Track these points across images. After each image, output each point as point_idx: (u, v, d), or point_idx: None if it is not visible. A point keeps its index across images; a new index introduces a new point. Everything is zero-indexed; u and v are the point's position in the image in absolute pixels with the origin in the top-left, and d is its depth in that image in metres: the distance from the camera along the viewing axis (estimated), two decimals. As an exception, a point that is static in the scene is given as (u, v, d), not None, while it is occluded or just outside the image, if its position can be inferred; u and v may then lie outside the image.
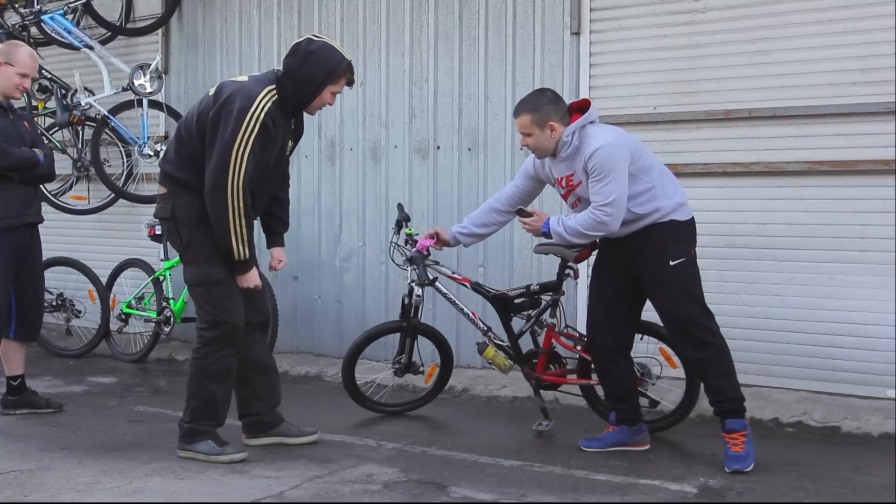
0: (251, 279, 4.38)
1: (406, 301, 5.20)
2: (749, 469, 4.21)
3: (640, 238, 4.38)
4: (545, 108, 4.37)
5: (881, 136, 5.09)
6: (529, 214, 4.57)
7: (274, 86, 4.25)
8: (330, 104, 4.46)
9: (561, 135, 4.36)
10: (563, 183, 4.48)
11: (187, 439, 4.42)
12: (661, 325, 4.56)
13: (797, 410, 5.15)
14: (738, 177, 5.47)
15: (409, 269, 5.04)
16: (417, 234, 5.14)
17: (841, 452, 4.62)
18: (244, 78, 4.37)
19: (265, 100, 4.19)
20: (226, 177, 4.14)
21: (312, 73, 4.25)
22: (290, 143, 4.53)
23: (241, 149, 4.13)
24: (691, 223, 4.45)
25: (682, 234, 4.38)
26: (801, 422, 5.07)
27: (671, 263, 4.32)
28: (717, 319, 4.40)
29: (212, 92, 4.34)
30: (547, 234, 4.48)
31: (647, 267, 4.39)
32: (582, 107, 4.43)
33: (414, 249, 5.04)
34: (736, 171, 5.46)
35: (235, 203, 4.16)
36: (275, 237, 4.80)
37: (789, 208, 5.36)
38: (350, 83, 4.41)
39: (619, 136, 4.37)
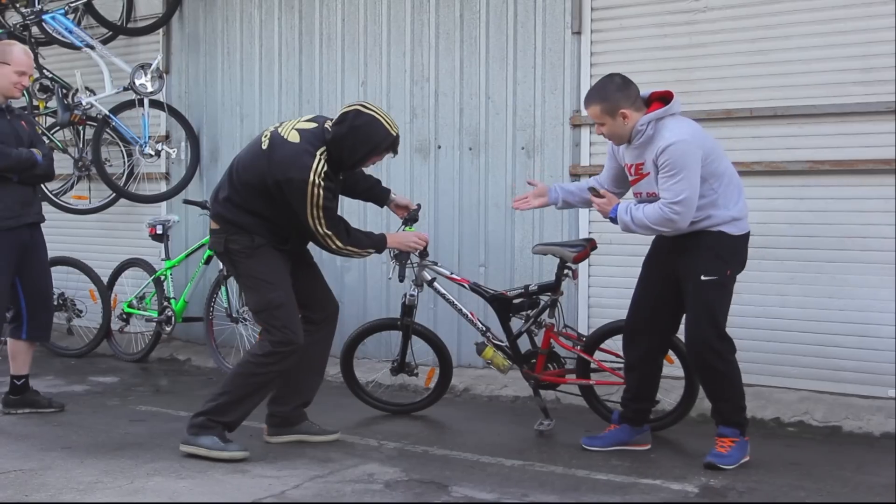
0: (402, 244, 4.75)
1: (404, 301, 5.22)
2: (726, 467, 4.21)
3: (685, 241, 4.29)
4: (614, 96, 4.24)
5: (882, 136, 5.09)
6: (602, 196, 4.42)
7: (325, 148, 4.32)
8: (372, 164, 4.62)
9: (636, 123, 4.24)
10: (633, 171, 4.37)
11: (193, 431, 4.42)
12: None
13: (799, 410, 5.15)
14: (740, 176, 5.45)
15: (394, 265, 5.04)
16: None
17: (842, 452, 4.62)
18: (295, 138, 4.33)
19: (319, 167, 4.27)
20: (319, 239, 4.39)
21: (355, 148, 4.33)
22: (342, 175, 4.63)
23: (317, 216, 4.31)
24: (741, 240, 4.33)
25: (725, 249, 4.27)
26: (802, 421, 5.07)
27: (703, 278, 4.23)
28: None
29: (264, 146, 4.37)
30: (613, 220, 4.37)
31: (684, 274, 4.33)
32: (664, 97, 4.30)
33: None
34: (737, 170, 5.44)
35: (339, 247, 4.42)
36: (379, 197, 4.95)
37: (790, 208, 5.36)
38: (395, 153, 4.53)
39: (696, 135, 4.22)
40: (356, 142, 4.31)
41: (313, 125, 4.41)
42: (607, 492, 3.97)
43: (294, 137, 4.34)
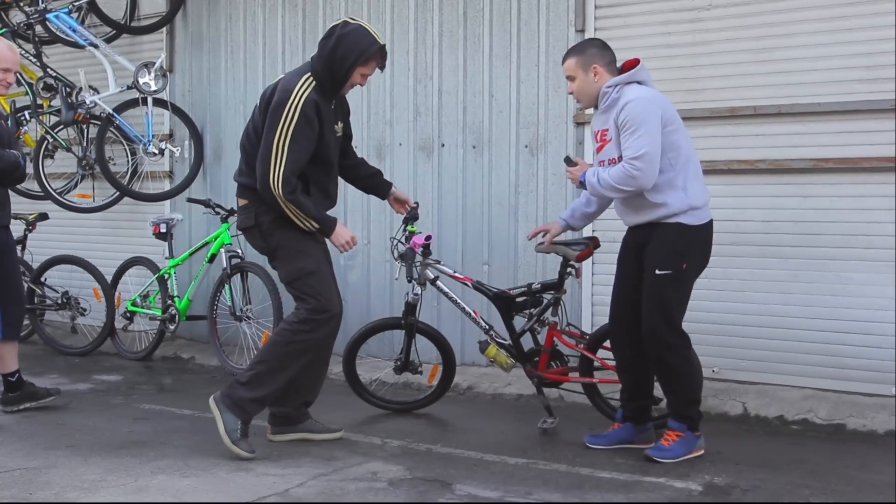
0: (338, 237, 4.52)
1: (407, 299, 5.22)
2: (662, 461, 4.26)
3: (647, 235, 4.35)
4: (590, 51, 4.40)
5: (886, 134, 5.08)
6: (575, 164, 4.52)
7: (310, 73, 4.36)
8: (360, 84, 4.55)
9: (604, 84, 4.34)
10: (598, 137, 4.43)
11: (228, 401, 4.39)
12: None
13: (802, 408, 5.14)
14: (743, 174, 5.46)
15: (399, 265, 5.04)
16: (420, 233, 5.14)
17: (846, 450, 4.62)
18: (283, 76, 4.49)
19: (303, 89, 4.30)
20: (268, 169, 4.30)
21: (344, 56, 4.35)
22: (340, 124, 4.61)
23: (281, 142, 4.26)
24: (702, 231, 4.35)
25: (683, 242, 4.29)
26: (806, 419, 5.07)
27: (657, 272, 4.28)
28: (722, 317, 4.39)
29: (259, 102, 4.47)
30: (583, 184, 4.42)
31: (645, 267, 4.37)
32: (633, 65, 4.39)
33: (406, 246, 5.04)
34: (741, 168, 5.45)
35: (279, 193, 4.27)
36: (380, 188, 4.96)
37: (794, 205, 5.35)
38: (381, 67, 4.52)
39: (657, 97, 4.31)
40: (345, 50, 4.33)
41: (301, 65, 4.53)
42: (611, 490, 3.97)
43: (282, 76, 4.49)
